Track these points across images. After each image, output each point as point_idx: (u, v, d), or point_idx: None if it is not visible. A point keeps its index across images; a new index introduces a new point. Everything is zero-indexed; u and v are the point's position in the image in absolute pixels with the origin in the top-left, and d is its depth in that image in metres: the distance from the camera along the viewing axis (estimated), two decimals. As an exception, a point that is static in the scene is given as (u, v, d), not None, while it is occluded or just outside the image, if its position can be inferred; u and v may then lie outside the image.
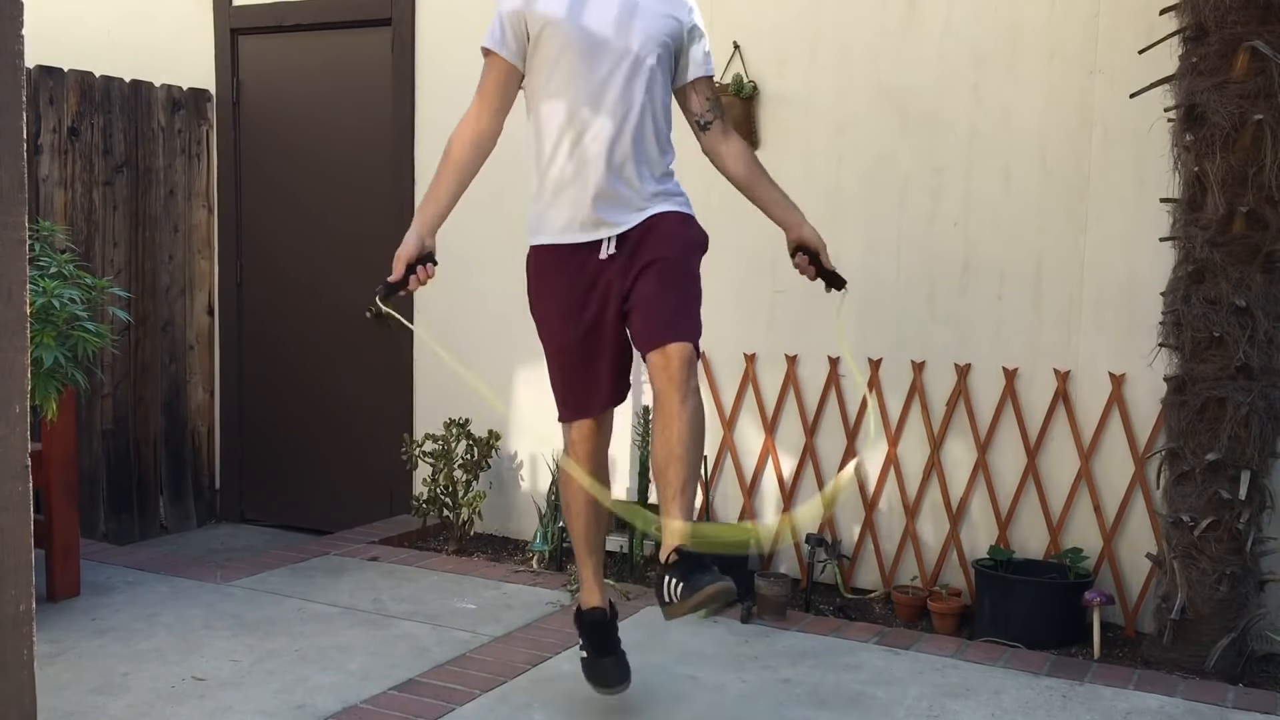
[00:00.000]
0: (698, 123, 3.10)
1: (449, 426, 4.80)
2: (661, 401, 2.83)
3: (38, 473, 3.90)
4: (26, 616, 1.13)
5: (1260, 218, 3.46)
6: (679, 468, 2.78)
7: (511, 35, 2.94)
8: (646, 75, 2.92)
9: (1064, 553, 3.99)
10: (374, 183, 5.29)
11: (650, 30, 2.92)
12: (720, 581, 2.62)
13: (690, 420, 2.81)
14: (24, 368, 1.11)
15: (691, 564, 2.68)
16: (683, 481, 2.78)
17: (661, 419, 2.82)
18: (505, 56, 2.95)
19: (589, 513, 3.16)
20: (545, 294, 3.03)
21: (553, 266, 3.00)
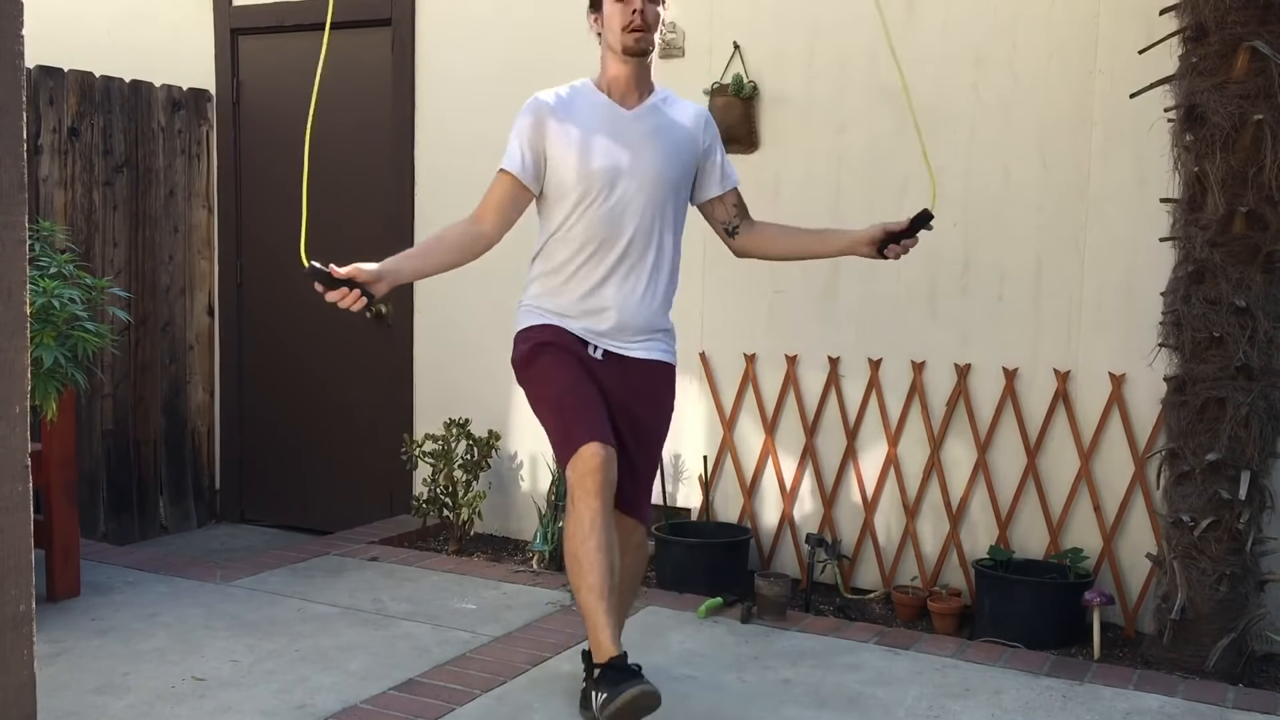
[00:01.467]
0: (725, 230, 3.17)
1: (449, 426, 4.80)
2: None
3: (38, 473, 3.90)
4: (26, 616, 1.13)
5: (1260, 218, 3.46)
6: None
7: (530, 157, 2.96)
8: (665, 208, 3.00)
9: (1064, 553, 3.99)
10: (374, 183, 5.29)
11: (669, 164, 2.98)
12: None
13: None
14: (24, 368, 1.11)
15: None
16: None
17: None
18: (520, 177, 2.97)
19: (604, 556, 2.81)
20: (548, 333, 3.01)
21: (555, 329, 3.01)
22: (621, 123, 2.98)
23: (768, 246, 3.17)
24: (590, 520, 2.80)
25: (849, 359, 4.39)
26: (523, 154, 2.96)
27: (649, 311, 3.02)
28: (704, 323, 4.60)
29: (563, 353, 2.98)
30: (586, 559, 2.79)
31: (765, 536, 4.56)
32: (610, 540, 2.83)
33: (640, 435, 3.06)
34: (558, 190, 2.98)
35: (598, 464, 2.82)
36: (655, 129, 2.99)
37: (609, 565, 2.80)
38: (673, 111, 3.06)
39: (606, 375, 3.00)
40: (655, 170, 2.96)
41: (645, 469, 3.12)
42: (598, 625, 2.78)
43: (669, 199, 3.00)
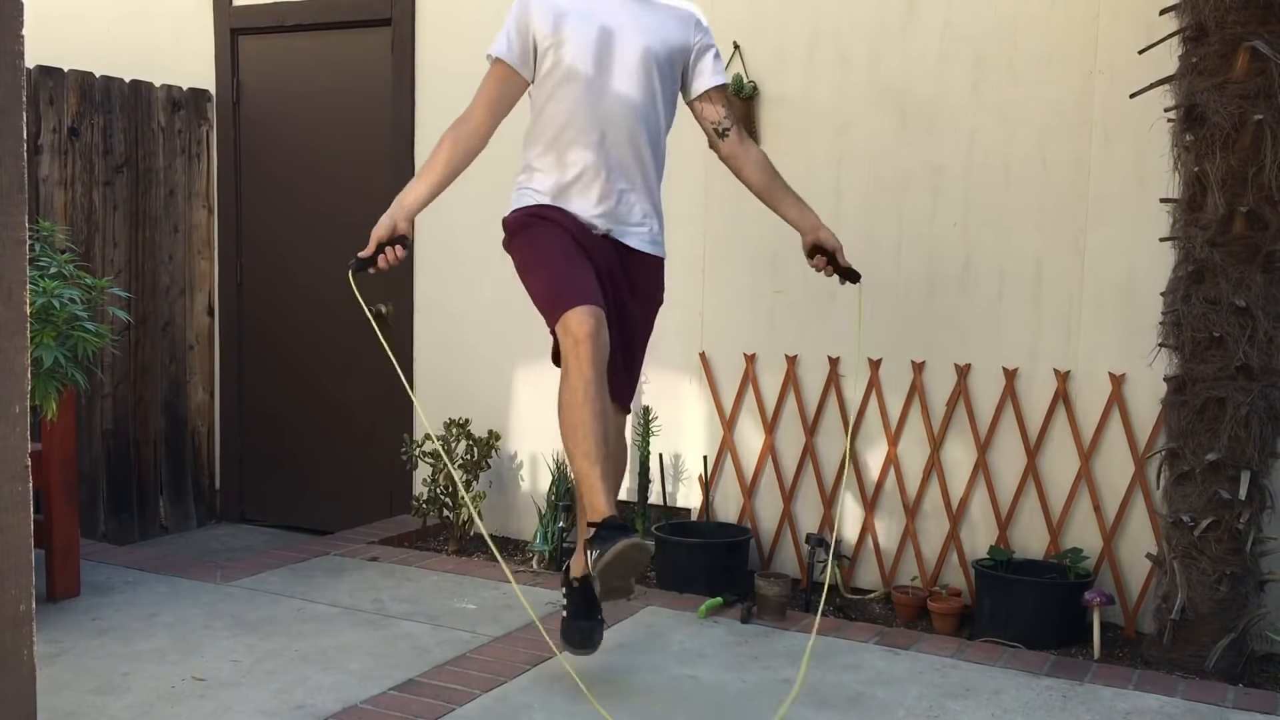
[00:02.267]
0: (715, 130, 3.20)
1: (449, 426, 4.80)
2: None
3: (38, 473, 3.90)
4: (26, 616, 1.13)
5: (1260, 218, 3.46)
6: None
7: (519, 43, 3.03)
8: (653, 92, 3.05)
9: (1064, 553, 3.99)
10: (374, 182, 5.29)
11: (658, 48, 3.04)
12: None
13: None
14: (24, 368, 1.11)
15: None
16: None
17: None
18: (510, 63, 3.04)
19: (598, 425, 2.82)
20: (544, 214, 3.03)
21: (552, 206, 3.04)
22: (610, 7, 3.03)
23: (748, 172, 3.24)
24: (584, 389, 2.80)
25: (849, 359, 4.38)
26: (509, 39, 3.04)
27: (639, 192, 3.08)
28: (704, 323, 4.60)
29: (555, 224, 3.03)
30: (582, 426, 2.80)
31: (765, 536, 4.56)
32: (603, 407, 2.83)
33: (627, 325, 3.14)
34: (544, 70, 3.03)
35: (590, 330, 2.81)
36: (644, 15, 3.05)
37: (602, 433, 2.82)
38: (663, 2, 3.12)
39: (601, 257, 3.04)
40: (641, 52, 3.01)
41: (627, 357, 3.17)
42: (594, 489, 2.80)
43: (655, 82, 3.05)
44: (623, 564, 2.67)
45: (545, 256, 2.98)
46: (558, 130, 3.03)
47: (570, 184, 3.04)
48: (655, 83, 3.05)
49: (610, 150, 3.02)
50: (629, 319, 3.16)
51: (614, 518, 2.76)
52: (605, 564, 2.65)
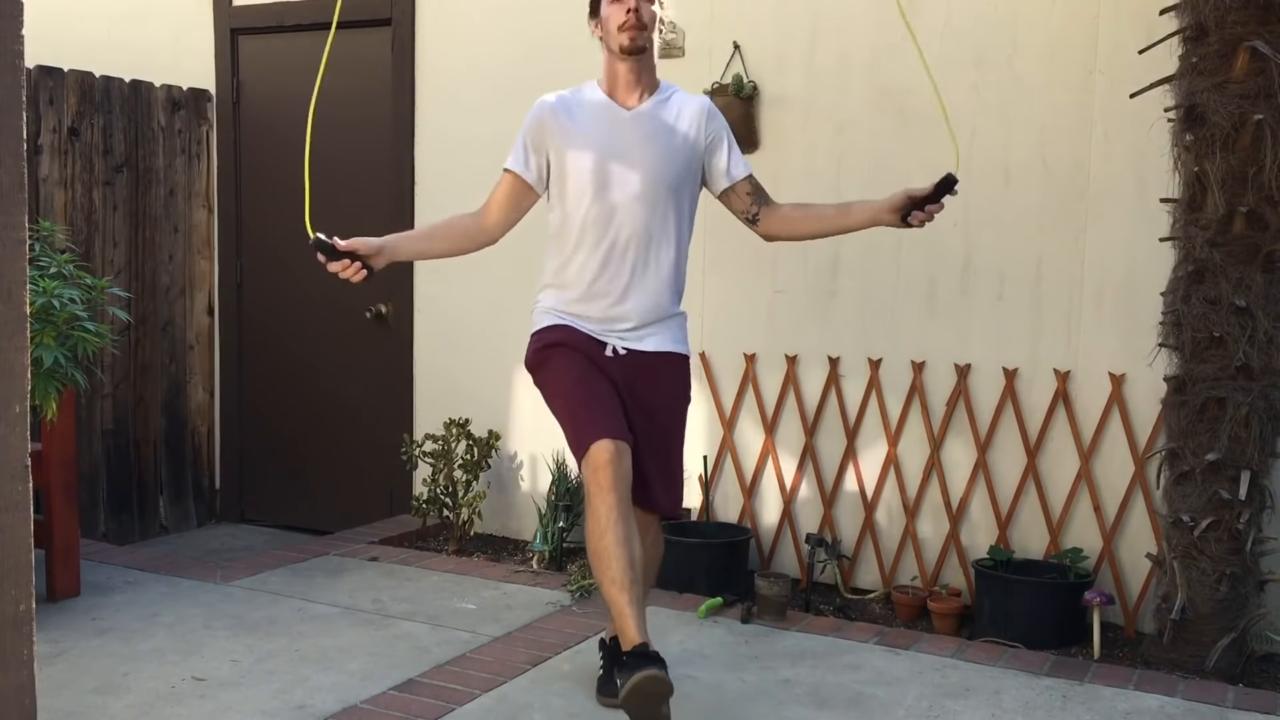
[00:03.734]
0: (746, 219, 3.18)
1: (449, 426, 4.80)
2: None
3: (38, 473, 3.90)
4: (26, 616, 1.13)
5: (1260, 218, 3.46)
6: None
7: (534, 159, 3.05)
8: (670, 204, 3.04)
9: (1064, 553, 3.99)
10: (374, 182, 5.29)
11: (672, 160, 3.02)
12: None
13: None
14: (24, 368, 1.11)
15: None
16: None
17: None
18: (524, 177, 3.06)
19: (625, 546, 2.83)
20: (559, 331, 3.05)
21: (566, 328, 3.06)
22: (619, 124, 3.03)
23: (792, 228, 3.17)
24: (606, 515, 2.83)
25: (849, 359, 4.39)
26: (526, 154, 3.07)
27: (652, 304, 3.06)
28: (704, 323, 4.60)
29: (572, 351, 3.03)
30: (606, 553, 2.82)
31: (765, 536, 4.56)
32: (629, 533, 2.85)
33: (656, 427, 3.09)
34: (557, 189, 3.06)
35: (608, 459, 2.85)
36: (654, 129, 3.03)
37: (629, 558, 2.82)
38: (674, 108, 3.08)
39: (620, 372, 3.04)
40: (651, 170, 3.00)
41: (662, 462, 3.12)
42: (623, 615, 2.80)
43: (669, 197, 3.03)
44: (639, 695, 2.66)
45: (565, 394, 3.01)
46: (566, 245, 3.04)
47: (577, 300, 3.04)
48: (668, 193, 3.03)
49: (620, 266, 3.01)
50: (657, 421, 3.09)
51: (643, 646, 2.75)
52: (625, 694, 2.67)
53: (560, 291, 3.08)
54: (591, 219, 3.00)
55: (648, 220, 3.02)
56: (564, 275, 3.06)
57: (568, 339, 3.04)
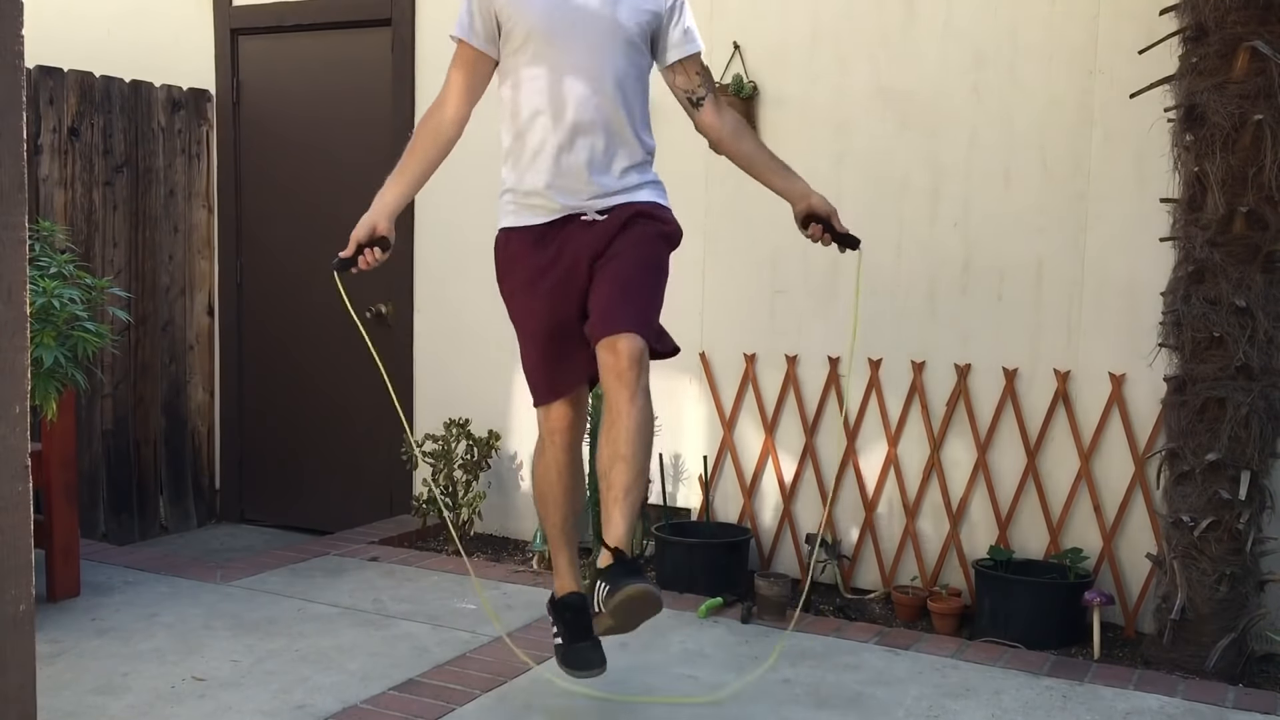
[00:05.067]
0: (689, 99, 3.03)
1: (449, 426, 4.80)
2: (609, 399, 2.75)
3: (38, 473, 3.90)
4: (26, 616, 1.13)
5: (1260, 218, 3.46)
6: (623, 469, 2.69)
7: (480, 21, 2.92)
8: (621, 58, 2.87)
9: (1064, 553, 3.99)
10: (374, 183, 5.21)
11: (622, 17, 2.87)
12: (643, 584, 2.55)
13: (638, 419, 2.71)
14: (24, 368, 1.11)
15: (624, 568, 2.61)
16: (626, 484, 2.69)
17: (608, 417, 2.74)
18: (472, 43, 2.93)
19: (567, 503, 3.10)
20: (515, 272, 2.98)
21: (523, 246, 2.95)
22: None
23: (726, 141, 3.04)
24: (557, 470, 3.03)
25: (849, 359, 4.38)
26: (471, 16, 2.92)
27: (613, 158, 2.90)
28: (704, 323, 4.60)
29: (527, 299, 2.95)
30: (551, 501, 3.09)
31: (765, 536, 4.56)
32: (574, 483, 3.07)
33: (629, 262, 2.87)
34: (509, 49, 2.91)
35: (565, 425, 2.98)
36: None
37: (571, 506, 3.10)
38: None
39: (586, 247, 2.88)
40: (607, 22, 2.84)
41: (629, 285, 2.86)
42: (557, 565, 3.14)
43: (626, 54, 2.88)
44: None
45: (524, 335, 3.00)
46: (522, 113, 2.90)
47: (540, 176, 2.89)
48: (625, 48, 2.87)
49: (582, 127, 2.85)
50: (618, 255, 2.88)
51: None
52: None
53: (522, 173, 2.91)
54: (549, 77, 2.84)
55: (608, 78, 2.85)
56: (523, 148, 2.91)
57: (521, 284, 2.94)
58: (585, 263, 2.90)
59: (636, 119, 2.95)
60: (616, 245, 2.88)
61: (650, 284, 2.90)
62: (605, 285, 2.85)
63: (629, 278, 2.85)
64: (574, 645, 3.00)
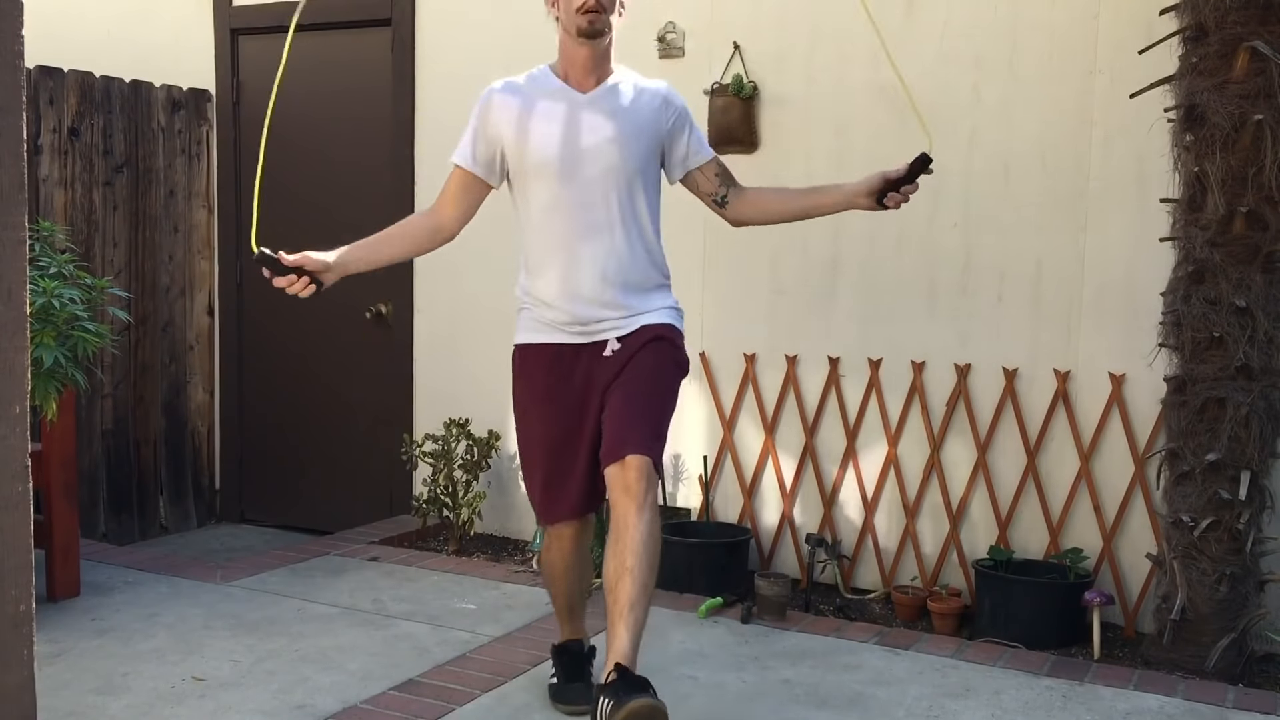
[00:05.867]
0: (715, 202, 3.08)
1: (449, 426, 4.80)
2: (616, 512, 2.77)
3: (38, 473, 3.90)
4: (26, 616, 1.13)
5: (1260, 218, 3.46)
6: (629, 583, 2.70)
7: (483, 150, 2.95)
8: (630, 192, 2.90)
9: (1064, 553, 3.99)
10: (374, 183, 5.30)
11: (630, 150, 2.89)
12: (648, 699, 2.54)
13: (645, 532, 2.72)
14: (24, 368, 1.11)
15: (626, 683, 2.61)
16: (632, 598, 2.70)
17: (615, 531, 2.76)
18: (473, 171, 2.97)
19: (573, 584, 3.20)
20: (530, 392, 3.01)
21: (539, 366, 2.98)
22: (575, 108, 2.90)
23: (763, 211, 3.08)
24: (564, 564, 3.14)
25: (849, 359, 4.39)
26: (473, 145, 2.95)
27: (634, 286, 2.92)
28: (704, 323, 4.60)
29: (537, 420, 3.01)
30: (558, 583, 3.20)
31: (765, 536, 4.56)
32: (580, 570, 3.18)
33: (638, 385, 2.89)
34: (515, 178, 2.95)
35: (570, 534, 3.08)
36: (612, 112, 2.90)
37: (578, 586, 3.21)
38: (632, 91, 2.95)
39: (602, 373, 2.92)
40: (612, 155, 2.87)
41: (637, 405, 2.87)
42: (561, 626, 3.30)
43: (632, 181, 2.90)
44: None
45: (527, 457, 3.08)
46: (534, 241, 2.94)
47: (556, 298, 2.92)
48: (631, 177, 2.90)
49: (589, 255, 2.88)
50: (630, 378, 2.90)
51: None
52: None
53: (539, 292, 2.95)
54: (555, 210, 2.88)
55: (613, 206, 2.88)
56: (537, 271, 2.94)
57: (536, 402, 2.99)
58: (599, 391, 2.93)
59: (650, 243, 2.97)
60: (630, 370, 2.90)
61: (661, 408, 2.93)
62: (618, 406, 2.88)
63: (640, 402, 2.88)
64: (568, 684, 3.18)
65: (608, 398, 2.91)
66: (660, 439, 2.89)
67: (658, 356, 2.92)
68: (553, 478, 3.01)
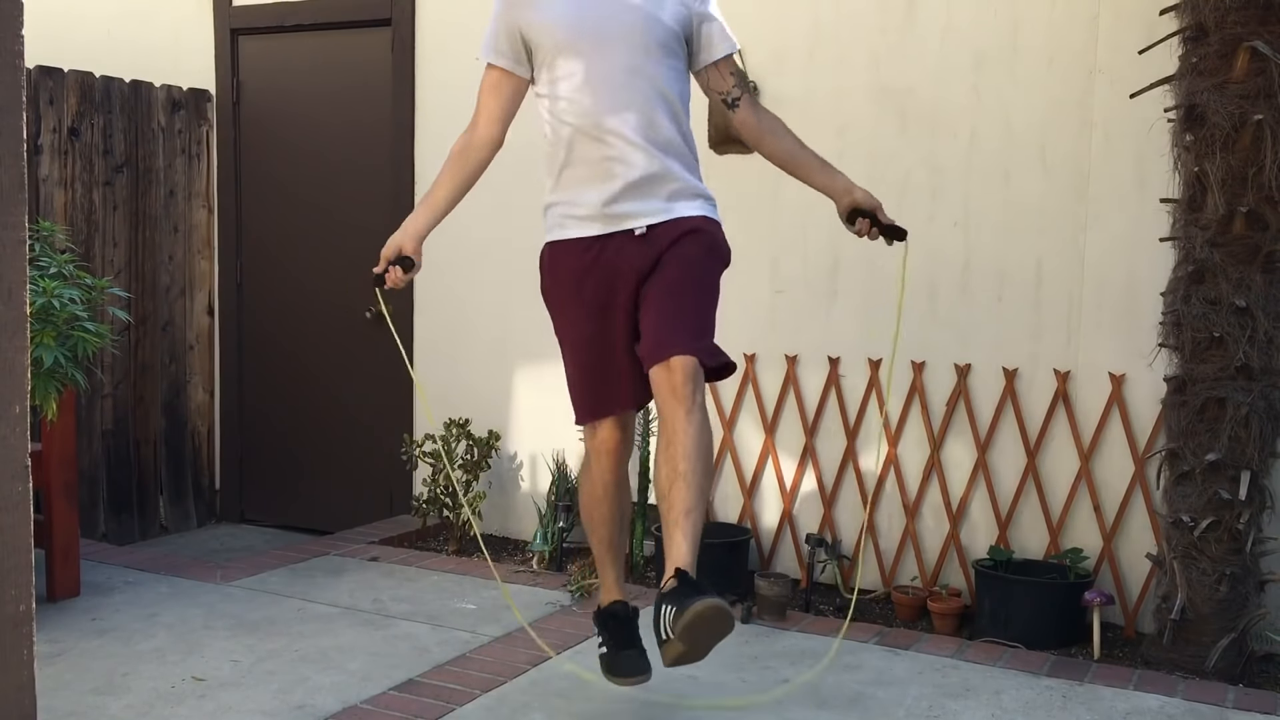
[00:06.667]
0: (724, 101, 2.99)
1: (449, 426, 4.80)
2: (664, 417, 2.71)
3: (38, 473, 3.90)
4: (26, 616, 1.13)
5: (1260, 218, 3.46)
6: (683, 488, 2.65)
7: (505, 41, 2.88)
8: (657, 60, 2.82)
9: (1064, 553, 3.99)
10: (374, 183, 5.29)
11: (653, 19, 2.82)
12: (712, 600, 2.46)
13: (696, 436, 2.66)
14: (24, 368, 1.11)
15: (689, 586, 2.55)
16: (688, 504, 2.65)
17: (664, 436, 2.69)
18: (499, 64, 2.90)
19: (613, 520, 3.11)
20: (561, 287, 2.92)
21: (568, 258, 2.89)
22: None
23: (767, 138, 3.01)
24: (603, 488, 3.04)
25: (849, 359, 4.39)
26: (495, 37, 2.89)
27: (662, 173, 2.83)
28: (704, 323, 4.59)
29: (571, 310, 2.90)
30: (599, 519, 3.11)
31: (765, 536, 4.56)
32: (620, 502, 3.09)
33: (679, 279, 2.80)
34: (541, 65, 2.86)
35: (611, 446, 2.97)
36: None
37: (618, 523, 3.13)
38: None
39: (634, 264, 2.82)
40: (636, 30, 2.79)
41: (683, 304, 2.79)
42: (604, 578, 3.21)
43: (659, 60, 2.81)
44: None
45: (567, 349, 2.95)
46: (562, 127, 2.85)
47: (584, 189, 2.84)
48: (660, 54, 2.82)
49: (619, 136, 2.79)
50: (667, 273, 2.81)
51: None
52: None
53: (565, 187, 2.86)
54: (585, 87, 2.78)
55: (645, 84, 2.79)
56: (565, 162, 2.85)
57: (569, 294, 2.89)
58: (633, 278, 2.84)
59: (681, 122, 2.89)
60: (666, 262, 2.81)
61: (703, 302, 2.84)
62: (656, 305, 2.78)
63: (681, 297, 2.79)
64: (620, 652, 2.97)
65: (645, 293, 2.82)
66: (706, 333, 2.81)
67: (695, 247, 2.83)
68: (591, 374, 2.91)
